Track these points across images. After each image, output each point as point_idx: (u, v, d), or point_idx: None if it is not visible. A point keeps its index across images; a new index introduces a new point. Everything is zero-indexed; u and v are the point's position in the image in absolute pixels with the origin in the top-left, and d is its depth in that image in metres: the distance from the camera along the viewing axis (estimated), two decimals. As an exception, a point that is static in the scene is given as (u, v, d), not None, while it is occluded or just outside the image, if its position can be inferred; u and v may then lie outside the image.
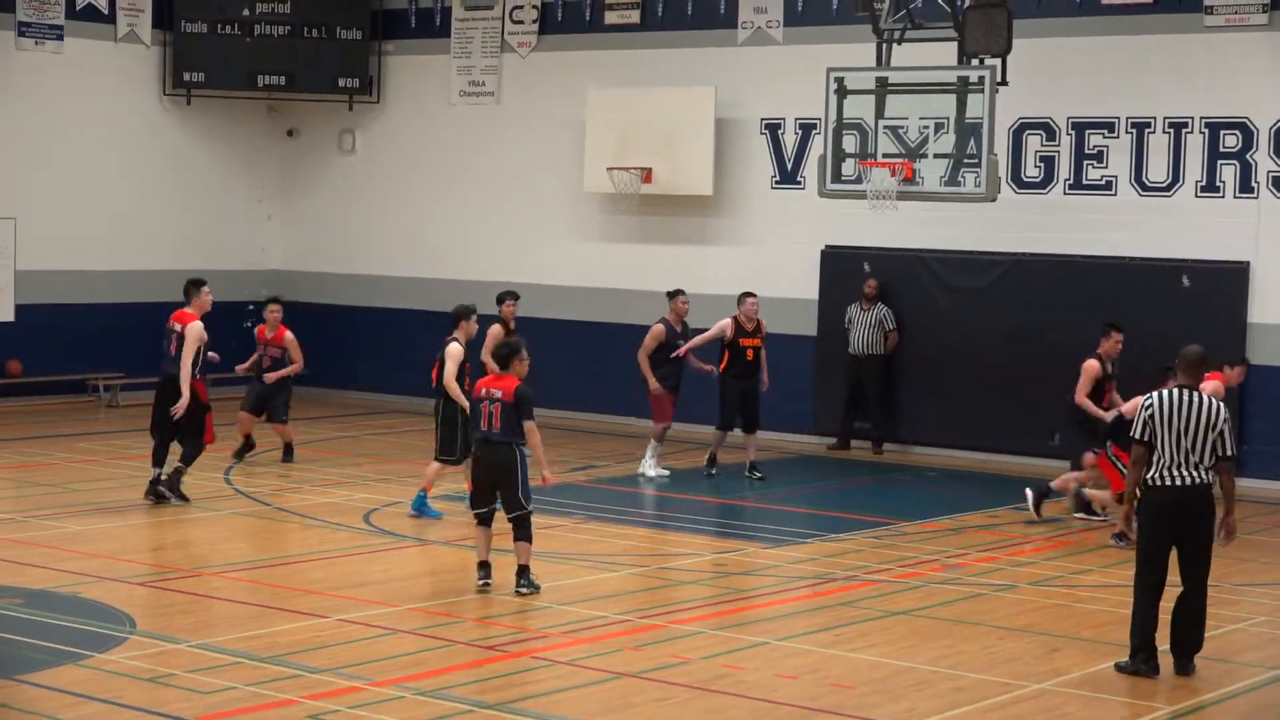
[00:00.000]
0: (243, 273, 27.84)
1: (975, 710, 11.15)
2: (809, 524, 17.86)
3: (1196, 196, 21.41)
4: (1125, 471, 16.40)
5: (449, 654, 12.26)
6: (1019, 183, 22.36)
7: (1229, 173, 21.26)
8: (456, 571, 15.09)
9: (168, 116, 26.98)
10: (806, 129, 23.68)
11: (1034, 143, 22.38)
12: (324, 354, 27.70)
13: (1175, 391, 12.04)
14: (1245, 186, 21.13)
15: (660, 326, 20.15)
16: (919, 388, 22.96)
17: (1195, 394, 11.99)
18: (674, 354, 20.07)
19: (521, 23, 26.33)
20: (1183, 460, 11.89)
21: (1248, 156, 21.12)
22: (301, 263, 28.29)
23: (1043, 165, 22.34)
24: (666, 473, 20.27)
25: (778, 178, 24.19)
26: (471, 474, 14.46)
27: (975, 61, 19.61)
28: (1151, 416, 11.98)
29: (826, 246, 23.63)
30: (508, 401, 13.83)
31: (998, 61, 19.44)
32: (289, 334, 20.34)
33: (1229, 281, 21.10)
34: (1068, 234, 22.06)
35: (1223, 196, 21.27)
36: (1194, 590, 12.03)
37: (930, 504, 19.24)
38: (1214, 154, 21.35)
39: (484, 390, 14.00)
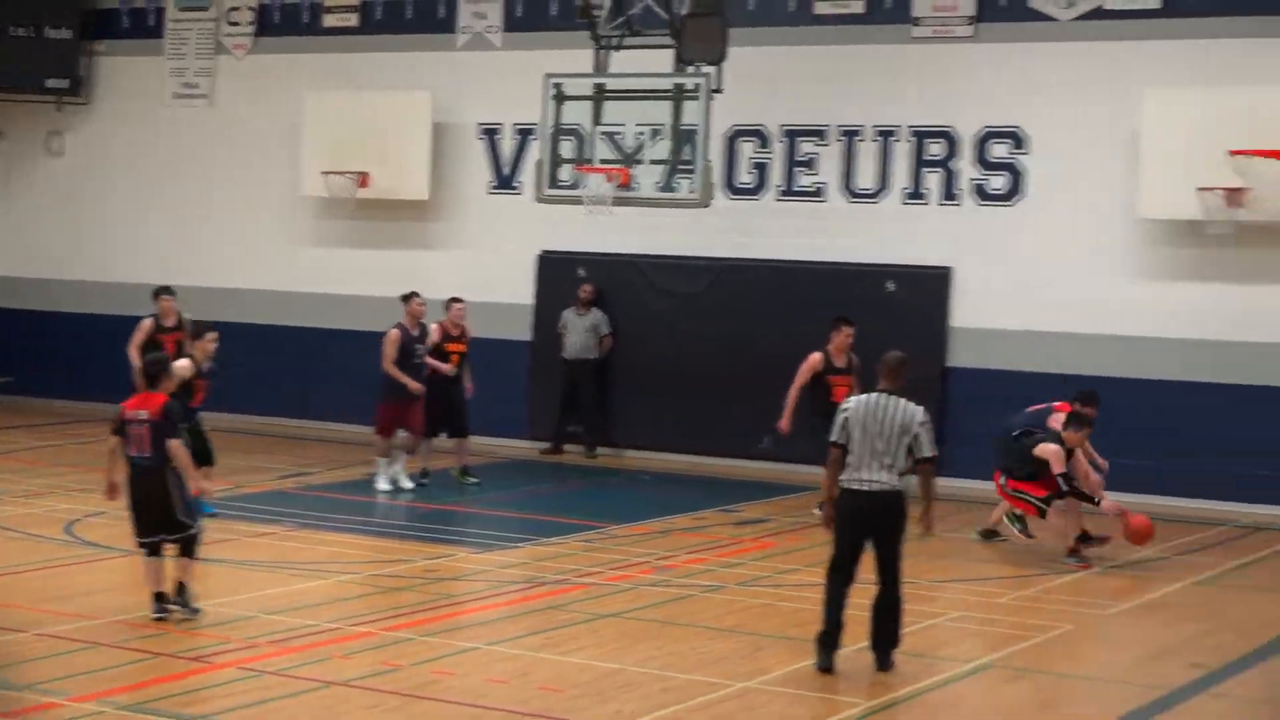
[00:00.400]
0: (-55, 277, 27.12)
1: (681, 710, 11.25)
2: (520, 528, 17.94)
3: (902, 203, 21.96)
4: (1031, 500, 16.78)
5: (153, 666, 12.03)
6: (732, 189, 22.70)
7: (934, 180, 21.83)
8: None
9: None
10: (524, 134, 23.76)
11: (747, 149, 22.75)
12: (29, 361, 27.10)
13: (873, 396, 12.28)
14: (949, 194, 21.72)
15: (395, 331, 19.65)
16: (632, 392, 23.16)
17: (891, 398, 12.20)
18: (416, 360, 19.63)
19: (238, 24, 26.02)
20: (874, 463, 12.07)
21: (951, 165, 21.70)
22: (5, 267, 27.54)
23: (756, 172, 22.71)
24: (389, 487, 19.77)
25: (495, 183, 24.24)
26: (130, 502, 13.45)
27: (691, 69, 19.86)
28: (847, 419, 12.19)
29: (542, 251, 23.75)
30: (156, 420, 13.04)
31: (713, 69, 19.69)
32: None
33: (932, 287, 21.65)
34: (779, 240, 22.45)
35: (927, 204, 21.84)
36: (888, 589, 12.28)
37: (641, 507, 19.40)
38: (919, 162, 21.90)
39: (129, 412, 13.14)
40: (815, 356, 18.16)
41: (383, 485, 19.65)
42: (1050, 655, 13.19)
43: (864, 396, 12.37)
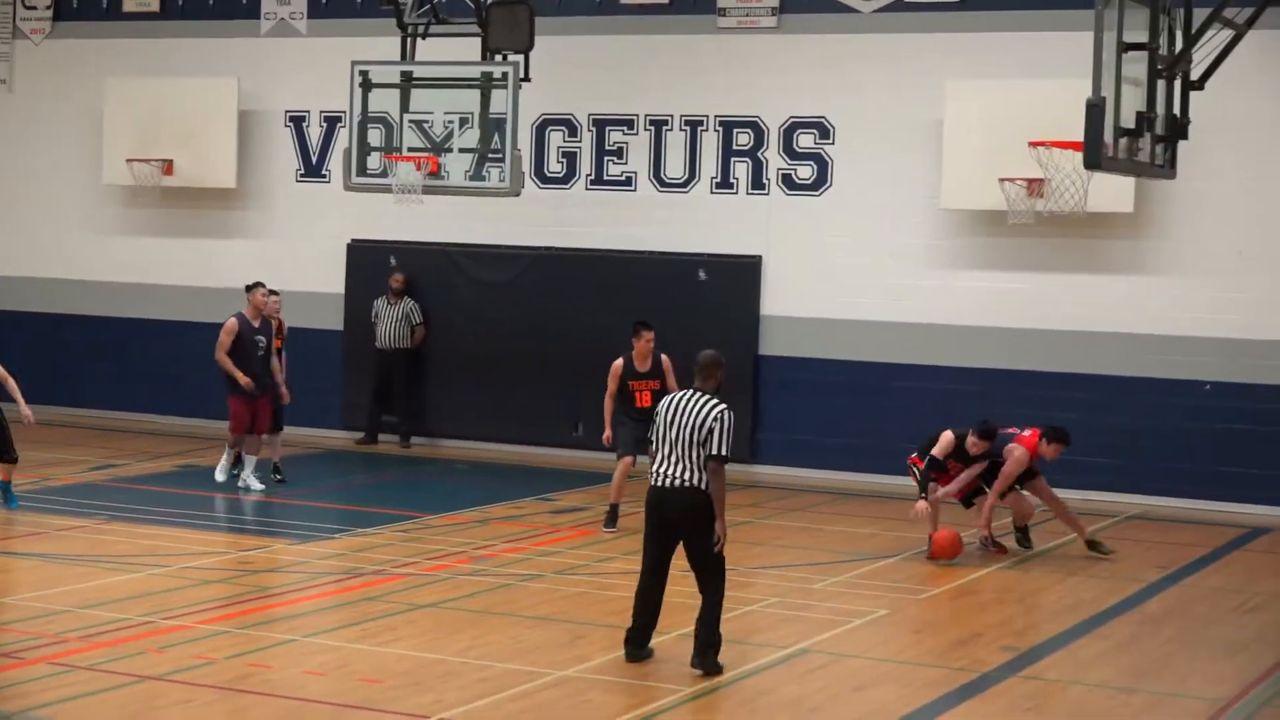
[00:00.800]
0: None
1: (501, 699, 11.29)
2: (336, 519, 17.85)
3: (712, 192, 22.14)
4: (916, 471, 16.58)
5: (-40, 663, 11.86)
6: (542, 178, 22.74)
7: (742, 170, 22.03)
8: (-31, 577, 14.61)
9: None
10: (331, 122, 23.61)
11: (556, 138, 22.78)
12: None
13: (683, 393, 12.23)
14: (757, 183, 21.93)
15: (234, 321, 18.77)
16: (446, 381, 23.11)
17: (698, 395, 12.11)
18: (260, 353, 18.83)
19: (35, 8, 25.54)
20: (671, 457, 12.00)
21: (759, 154, 21.93)
22: None
23: (565, 161, 22.76)
24: (224, 478, 19.29)
25: (303, 170, 24.04)
26: None
27: (498, 58, 19.86)
28: (656, 415, 12.21)
29: (352, 240, 23.60)
30: None
31: (520, 58, 19.73)
32: None
33: (743, 275, 21.86)
34: (590, 228, 22.53)
35: (736, 193, 22.04)
36: (702, 591, 12.11)
37: (457, 496, 19.38)
38: (728, 151, 22.10)
39: None
40: (617, 364, 17.65)
41: (220, 476, 19.32)
42: (865, 640, 13.40)
43: (675, 394, 12.37)
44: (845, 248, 21.58)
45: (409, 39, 20.38)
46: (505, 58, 19.81)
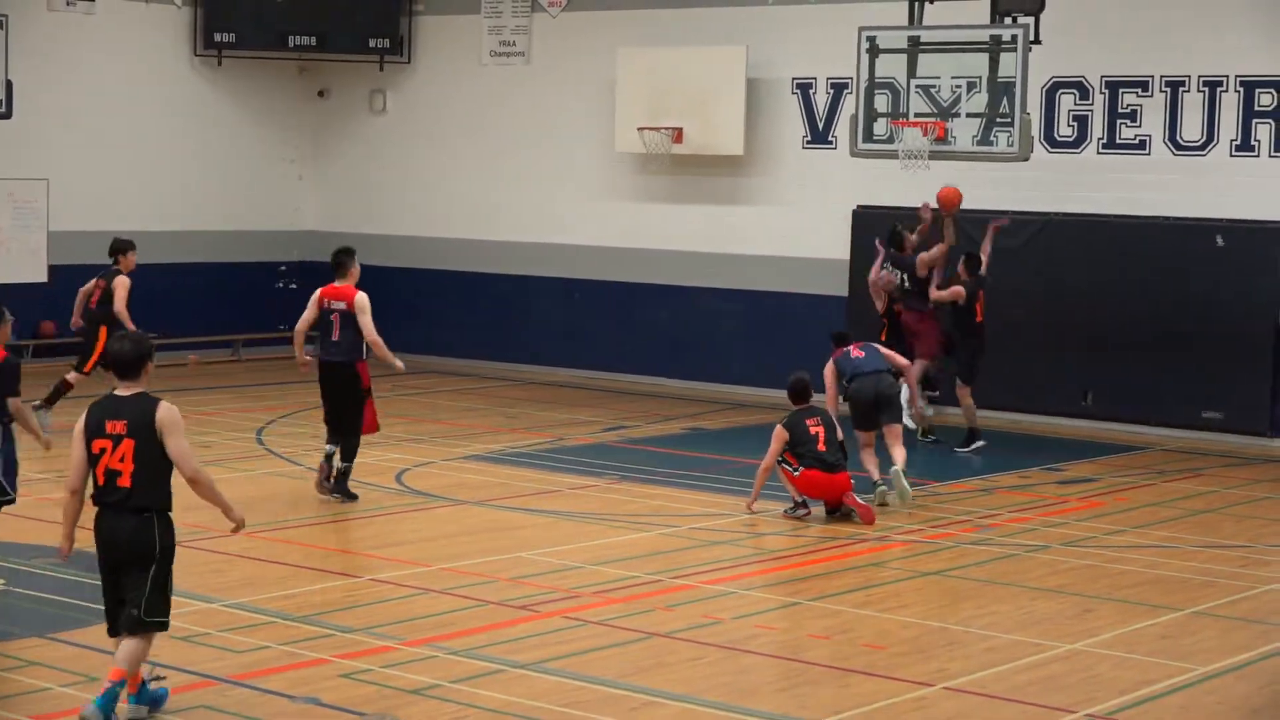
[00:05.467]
0: (276, 233, 27.94)
1: (1008, 670, 11.14)
2: (840, 485, 17.80)
3: (1231, 155, 21.27)
4: None
5: (481, 614, 12.29)
6: (1052, 142, 22.25)
7: (1264, 131, 21.09)
8: (489, 531, 15.13)
9: (199, 77, 26.97)
10: (838, 88, 23.59)
11: (1067, 102, 22.25)
12: (356, 314, 27.84)
13: None
14: (1280, 146, 21.01)
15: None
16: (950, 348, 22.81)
17: None
18: None
19: (552, -19, 26.28)
20: None
21: (1283, 115, 21.00)
22: (334, 223, 28.27)
23: (1076, 124, 22.22)
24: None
25: (809, 137, 24.10)
26: None
27: (1008, 20, 19.50)
28: None
29: (858, 206, 23.54)
30: None
31: (1030, 20, 19.33)
32: None
33: (1264, 241, 20.94)
34: (1101, 193, 21.93)
35: (1257, 156, 21.12)
36: None
37: (961, 465, 19.16)
38: (1249, 113, 21.18)
39: None
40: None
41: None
42: (1394, 623, 12.75)
43: None
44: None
45: (917, 3, 20.17)
46: (1015, 20, 19.43)
